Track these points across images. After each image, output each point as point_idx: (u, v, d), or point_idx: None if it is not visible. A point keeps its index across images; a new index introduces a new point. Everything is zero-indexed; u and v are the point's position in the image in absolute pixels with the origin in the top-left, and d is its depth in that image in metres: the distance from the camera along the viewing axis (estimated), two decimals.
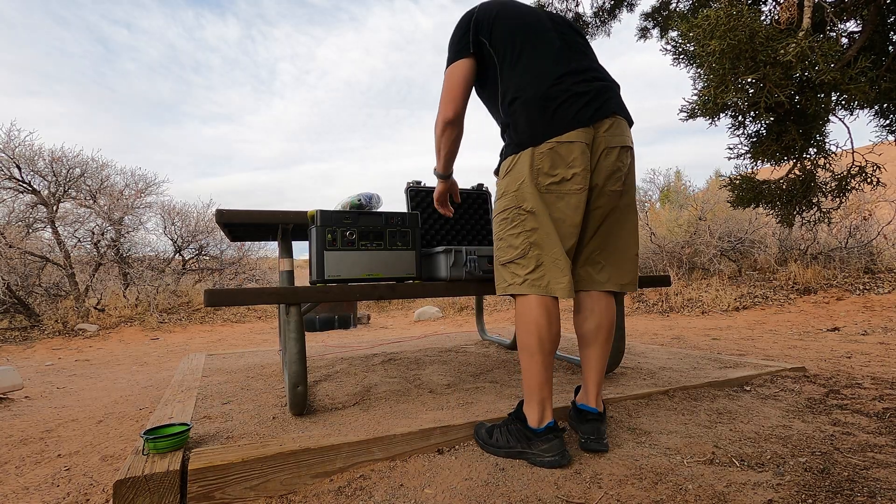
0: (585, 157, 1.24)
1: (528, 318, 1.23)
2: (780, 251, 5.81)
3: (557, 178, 1.23)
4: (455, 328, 5.04)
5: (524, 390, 1.26)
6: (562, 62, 1.28)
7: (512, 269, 1.27)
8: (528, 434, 1.22)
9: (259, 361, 2.51)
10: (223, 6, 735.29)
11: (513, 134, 1.28)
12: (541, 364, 1.22)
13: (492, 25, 1.34)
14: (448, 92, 1.37)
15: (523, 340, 1.24)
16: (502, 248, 1.30)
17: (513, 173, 1.27)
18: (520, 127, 1.26)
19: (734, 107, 0.94)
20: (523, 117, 1.25)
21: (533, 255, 1.23)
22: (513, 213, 1.26)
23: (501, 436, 1.27)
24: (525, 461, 1.22)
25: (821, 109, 0.99)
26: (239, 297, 1.40)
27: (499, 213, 1.31)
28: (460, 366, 2.22)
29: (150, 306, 5.93)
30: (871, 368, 2.25)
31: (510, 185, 1.27)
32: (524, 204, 1.24)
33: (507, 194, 1.28)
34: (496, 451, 1.26)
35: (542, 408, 1.23)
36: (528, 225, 1.24)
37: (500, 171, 1.33)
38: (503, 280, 1.31)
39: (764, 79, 0.84)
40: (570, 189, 1.24)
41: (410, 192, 2.06)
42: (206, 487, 1.09)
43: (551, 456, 1.19)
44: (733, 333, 3.70)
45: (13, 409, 2.14)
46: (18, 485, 1.32)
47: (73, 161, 6.27)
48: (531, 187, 1.23)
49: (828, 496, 1.02)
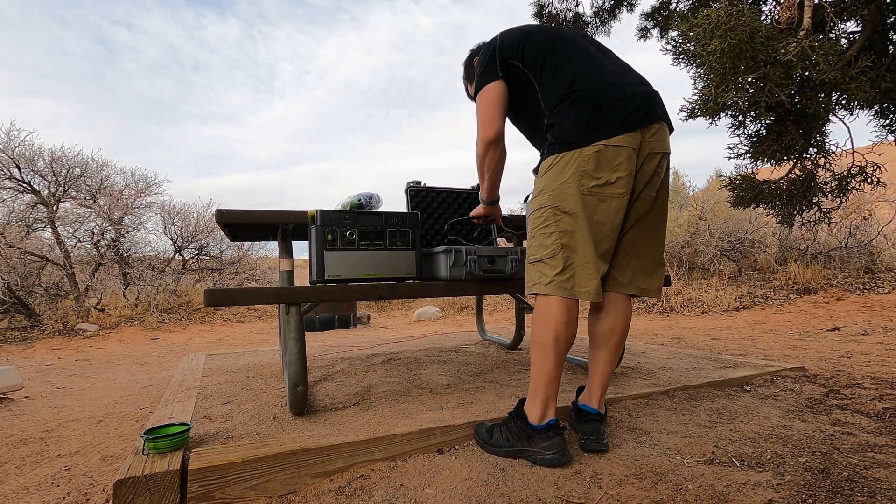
0: (631, 162, 1.22)
1: (546, 315, 1.22)
2: (780, 251, 5.81)
3: (601, 181, 1.21)
4: (455, 328, 5.04)
5: (530, 386, 1.26)
6: (605, 68, 1.28)
7: (540, 269, 1.26)
8: (529, 431, 1.22)
9: (259, 361, 2.51)
10: (224, 6, 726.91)
11: (557, 133, 1.26)
12: (552, 362, 1.21)
13: (522, 47, 1.34)
14: (485, 111, 1.35)
15: (538, 337, 1.23)
16: (533, 246, 1.28)
17: (554, 172, 1.24)
18: (566, 127, 1.24)
19: (734, 106, 0.94)
20: (570, 118, 1.23)
21: (561, 257, 1.22)
22: (548, 212, 1.24)
23: (502, 435, 1.26)
24: (525, 460, 1.22)
25: (821, 109, 0.99)
26: (239, 297, 1.40)
27: (534, 211, 1.30)
28: (460, 366, 2.22)
29: (150, 306, 5.93)
30: (871, 368, 2.25)
31: (549, 184, 1.25)
32: (562, 204, 1.22)
33: (544, 192, 1.26)
34: (496, 451, 1.26)
35: (545, 405, 1.23)
36: (562, 225, 1.22)
37: (541, 170, 1.31)
38: (530, 279, 1.30)
39: (764, 78, 0.84)
40: (613, 193, 1.22)
41: (410, 192, 2.06)
42: (206, 487, 1.09)
43: (552, 454, 1.18)
44: (733, 333, 3.70)
45: (13, 409, 2.14)
46: (18, 485, 1.32)
47: (73, 161, 6.27)
48: (573, 188, 1.21)
49: (828, 496, 1.01)
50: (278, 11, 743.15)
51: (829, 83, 0.88)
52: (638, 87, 1.27)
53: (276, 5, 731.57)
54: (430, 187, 2.10)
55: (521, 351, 2.58)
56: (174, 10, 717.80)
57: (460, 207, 2.16)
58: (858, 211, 5.48)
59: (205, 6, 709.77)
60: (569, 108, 1.24)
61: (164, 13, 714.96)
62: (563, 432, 1.23)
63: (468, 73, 1.68)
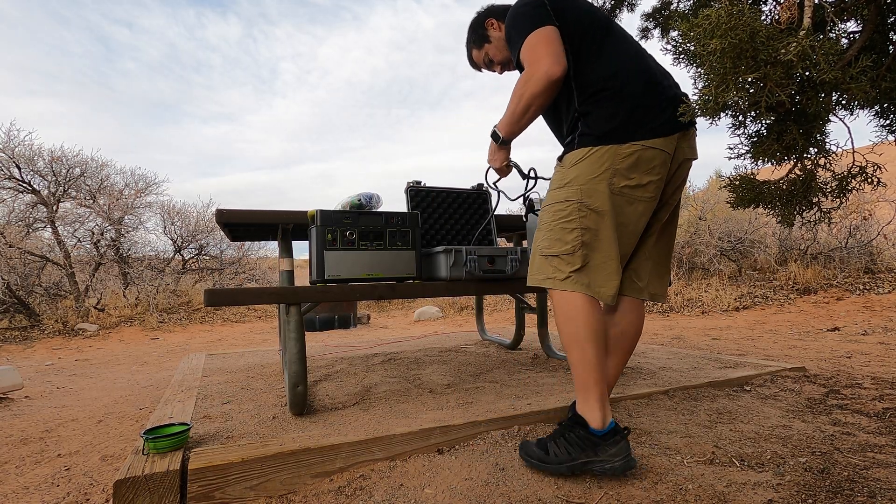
0: (664, 168, 1.18)
1: (571, 310, 1.15)
2: (780, 251, 5.81)
3: (633, 183, 1.16)
4: (455, 328, 5.04)
5: (578, 389, 1.15)
6: (650, 65, 1.23)
7: (554, 263, 1.18)
8: (594, 439, 1.11)
9: (259, 361, 2.51)
10: (225, 5, 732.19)
11: (592, 124, 1.18)
12: (594, 355, 1.13)
13: (564, 8, 1.22)
14: (547, 47, 1.15)
15: (570, 332, 1.15)
16: (549, 239, 1.20)
17: (585, 165, 1.17)
18: (602, 119, 1.17)
19: (734, 106, 0.94)
20: (608, 111, 1.16)
21: (580, 255, 1.15)
22: (573, 206, 1.17)
23: (560, 449, 1.13)
24: (591, 472, 1.11)
25: (821, 109, 0.99)
26: (239, 297, 1.40)
27: (555, 202, 1.21)
28: (460, 366, 2.22)
29: (150, 306, 5.92)
30: (871, 368, 2.25)
31: (578, 177, 1.17)
32: (590, 200, 1.16)
33: (571, 185, 1.18)
34: (557, 469, 1.12)
35: (602, 405, 1.12)
36: (586, 222, 1.16)
37: (567, 160, 1.22)
38: (541, 272, 1.22)
39: (765, 78, 0.84)
40: (642, 196, 1.18)
41: (410, 192, 2.06)
42: (206, 487, 1.09)
43: (621, 460, 1.08)
44: (733, 333, 3.70)
45: (13, 409, 2.14)
46: (18, 485, 1.32)
47: (73, 161, 6.27)
48: (604, 186, 1.15)
49: (828, 496, 1.01)
50: (279, 11, 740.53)
51: (830, 83, 0.88)
52: (676, 91, 1.23)
53: (277, 4, 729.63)
54: (430, 187, 2.10)
55: (521, 351, 2.58)
56: (175, 9, 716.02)
57: (460, 207, 2.16)
58: (858, 211, 5.48)
59: (206, 5, 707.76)
60: (608, 101, 1.17)
61: (164, 12, 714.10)
62: (627, 434, 1.13)
63: (477, 36, 1.49)
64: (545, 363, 2.24)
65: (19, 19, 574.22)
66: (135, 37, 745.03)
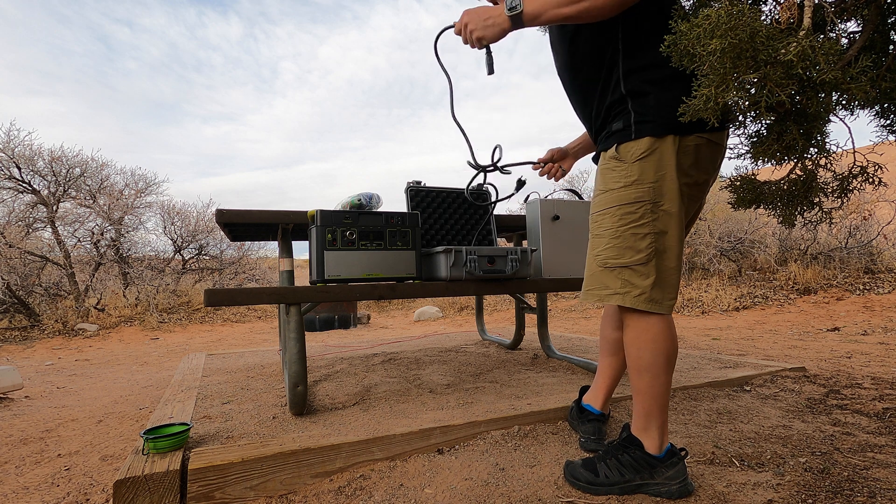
0: (717, 165, 1.10)
1: (652, 335, 1.05)
2: (780, 251, 5.81)
3: (691, 181, 1.06)
4: (455, 328, 5.04)
5: (640, 414, 1.09)
6: None
7: (625, 276, 1.06)
8: (652, 461, 1.06)
9: (259, 361, 2.51)
10: (225, 4, 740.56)
11: (654, 108, 1.04)
12: (666, 385, 1.06)
13: None
14: None
15: (647, 359, 1.06)
16: (617, 247, 1.07)
17: (652, 160, 1.03)
18: (666, 103, 1.02)
19: (735, 106, 0.94)
20: (672, 93, 1.01)
21: (654, 264, 1.04)
22: (645, 207, 1.04)
23: (611, 470, 1.08)
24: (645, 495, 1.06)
25: (821, 109, 0.99)
26: (239, 297, 1.40)
27: (623, 204, 1.06)
28: (460, 366, 2.22)
29: (150, 306, 5.92)
30: (871, 368, 2.25)
31: (646, 174, 1.04)
32: (662, 200, 1.03)
33: (641, 183, 1.04)
34: (609, 491, 1.07)
35: (662, 432, 1.08)
36: (659, 225, 1.04)
37: (628, 153, 1.06)
38: (604, 286, 1.09)
39: (765, 78, 0.84)
40: (695, 195, 1.09)
41: (410, 192, 2.06)
42: (206, 487, 1.09)
43: (678, 483, 1.04)
44: (733, 333, 3.70)
45: (13, 409, 2.14)
46: (18, 485, 1.32)
47: (73, 161, 6.27)
48: (675, 183, 1.03)
49: (828, 496, 1.01)
50: (280, 10, 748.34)
51: (830, 83, 0.87)
52: None
53: (278, 4, 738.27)
54: (431, 187, 2.10)
55: (521, 351, 2.58)
56: (176, 8, 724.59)
57: (460, 207, 2.16)
58: (858, 211, 5.48)
59: (206, 4, 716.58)
60: (673, 80, 1.03)
61: (165, 11, 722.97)
62: (685, 456, 1.08)
63: None
64: (545, 363, 2.24)
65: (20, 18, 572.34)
66: (135, 36, 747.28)
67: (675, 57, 0.95)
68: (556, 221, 1.94)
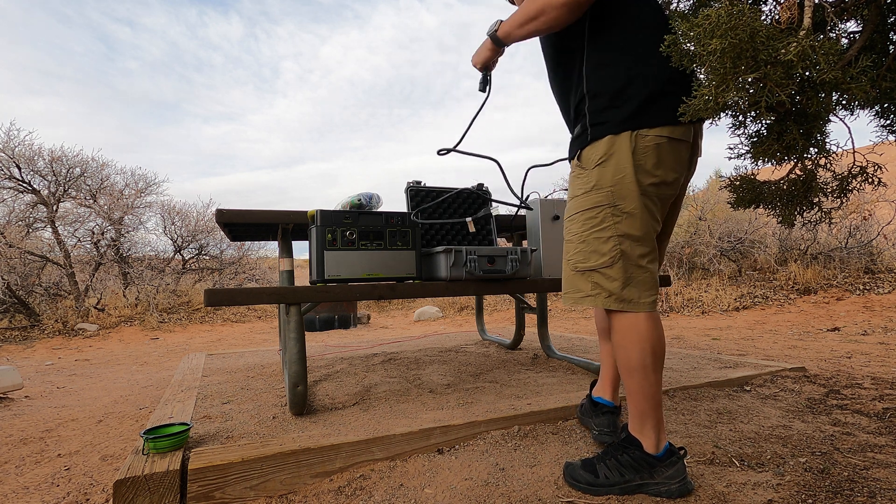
0: (685, 162, 1.09)
1: (637, 334, 1.06)
2: (780, 251, 5.81)
3: (657, 180, 1.06)
4: (455, 328, 5.04)
5: (634, 414, 1.09)
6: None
7: (594, 279, 1.09)
8: (651, 460, 1.06)
9: (259, 361, 2.51)
10: (226, 3, 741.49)
11: (606, 105, 1.05)
12: (656, 384, 1.07)
13: None
14: None
15: (634, 359, 1.06)
16: (583, 251, 1.10)
17: (610, 165, 1.05)
18: (621, 96, 1.04)
19: (734, 106, 0.94)
20: (627, 93, 1.03)
21: (621, 266, 1.06)
22: (605, 212, 1.06)
23: (611, 471, 1.08)
24: (645, 495, 1.06)
25: (821, 109, 0.99)
26: (239, 297, 1.40)
27: (584, 209, 1.10)
28: (460, 366, 2.22)
29: (150, 306, 5.92)
30: (871, 368, 2.25)
31: (604, 179, 1.06)
32: (623, 203, 1.05)
33: (599, 189, 1.07)
34: (609, 491, 1.07)
35: (658, 430, 1.08)
36: (621, 228, 1.06)
37: (589, 159, 1.09)
38: (577, 289, 1.13)
39: (765, 78, 0.84)
40: (665, 194, 1.09)
41: (410, 192, 2.06)
42: (206, 487, 1.09)
43: (678, 483, 1.04)
44: (733, 333, 3.70)
45: (13, 409, 2.14)
46: (18, 484, 1.32)
47: (73, 160, 6.27)
48: (633, 185, 1.04)
49: (828, 496, 1.01)
50: (281, 9, 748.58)
51: (830, 83, 0.88)
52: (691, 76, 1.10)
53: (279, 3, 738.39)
54: (431, 187, 2.10)
55: (521, 351, 2.58)
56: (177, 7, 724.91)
57: (460, 207, 2.16)
58: (858, 211, 5.48)
59: (207, 4, 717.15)
60: (629, 79, 1.05)
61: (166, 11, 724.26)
62: (684, 455, 1.08)
63: None
64: (545, 363, 2.24)
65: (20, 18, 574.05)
66: (136, 35, 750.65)
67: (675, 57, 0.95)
68: (556, 221, 1.94)
